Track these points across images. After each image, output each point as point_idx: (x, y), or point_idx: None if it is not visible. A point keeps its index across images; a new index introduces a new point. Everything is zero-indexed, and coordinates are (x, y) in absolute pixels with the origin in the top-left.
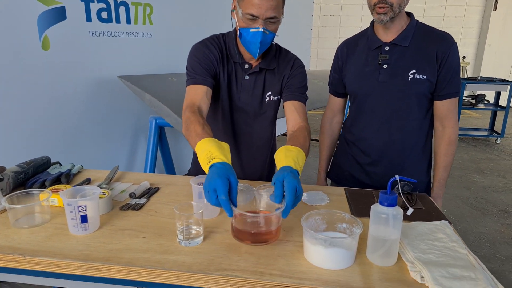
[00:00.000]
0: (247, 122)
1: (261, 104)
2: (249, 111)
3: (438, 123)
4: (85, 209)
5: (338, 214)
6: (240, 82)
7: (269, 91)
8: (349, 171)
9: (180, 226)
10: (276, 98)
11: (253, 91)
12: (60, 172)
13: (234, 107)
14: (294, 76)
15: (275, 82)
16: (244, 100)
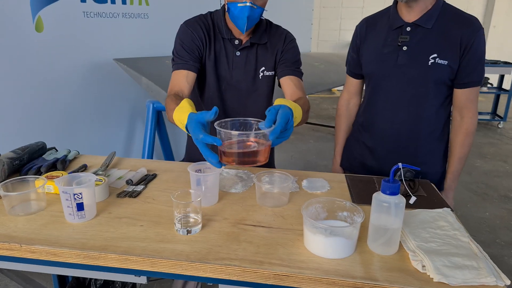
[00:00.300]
0: (240, 101)
1: (254, 80)
2: (242, 88)
3: (457, 113)
4: (81, 197)
5: (339, 202)
6: (231, 59)
7: (262, 66)
8: (360, 159)
9: (178, 215)
10: (270, 73)
11: (246, 67)
12: (56, 158)
13: (226, 86)
14: (288, 51)
15: (268, 57)
16: (237, 77)
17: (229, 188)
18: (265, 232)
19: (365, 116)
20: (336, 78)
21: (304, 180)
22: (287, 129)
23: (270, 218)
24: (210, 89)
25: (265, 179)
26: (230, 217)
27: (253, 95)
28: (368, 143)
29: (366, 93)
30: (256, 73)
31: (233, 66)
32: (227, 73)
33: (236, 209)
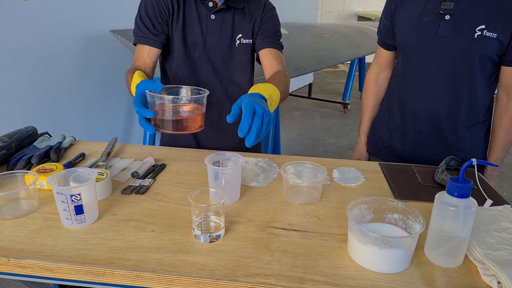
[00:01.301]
0: (217, 72)
1: (230, 48)
2: (217, 57)
3: (503, 93)
4: (80, 198)
5: (390, 202)
6: (205, 22)
7: (239, 33)
8: (388, 144)
9: (196, 219)
10: (248, 41)
11: (221, 32)
12: (49, 146)
13: (200, 54)
14: (267, 20)
15: (246, 24)
16: (211, 43)
17: (250, 181)
18: (299, 238)
19: (395, 95)
20: (348, 51)
21: (335, 171)
22: (263, 123)
23: (303, 218)
24: (177, 60)
25: (290, 170)
26: (256, 218)
27: (230, 65)
28: (398, 125)
29: (398, 68)
30: (232, 39)
31: (207, 31)
32: (199, 39)
33: (261, 207)
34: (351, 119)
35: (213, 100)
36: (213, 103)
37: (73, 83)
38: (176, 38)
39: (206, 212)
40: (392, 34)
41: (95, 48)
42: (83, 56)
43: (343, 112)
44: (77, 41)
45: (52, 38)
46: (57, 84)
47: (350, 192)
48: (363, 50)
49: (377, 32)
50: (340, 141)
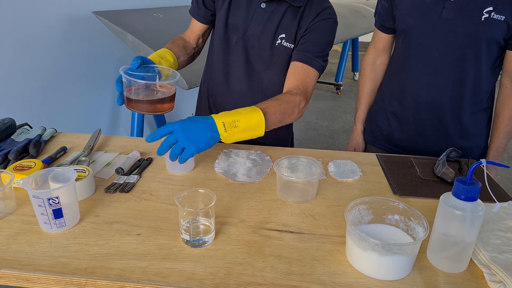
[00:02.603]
0: (248, 65)
1: (270, 43)
2: (254, 48)
3: (507, 79)
4: (58, 201)
5: (390, 203)
6: (253, 9)
7: (283, 33)
8: (387, 132)
9: (184, 223)
10: (289, 45)
11: (266, 24)
12: (28, 140)
13: (236, 41)
14: (314, 30)
15: (294, 25)
16: (252, 32)
17: (242, 177)
18: (294, 241)
19: (394, 81)
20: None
21: (330, 164)
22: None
23: (298, 218)
24: (216, 41)
25: (284, 164)
26: (248, 219)
27: (264, 62)
28: (397, 112)
29: (398, 52)
30: (274, 36)
31: (253, 18)
32: (241, 24)
33: (254, 206)
34: (344, 101)
35: (236, 90)
36: (234, 93)
37: (53, 69)
38: (219, 17)
39: (195, 215)
40: (392, 17)
41: (77, 31)
42: (64, 39)
43: (336, 94)
44: (58, 23)
45: (30, 20)
46: (36, 70)
47: (347, 187)
48: (357, 31)
49: (374, 14)
50: (333, 124)
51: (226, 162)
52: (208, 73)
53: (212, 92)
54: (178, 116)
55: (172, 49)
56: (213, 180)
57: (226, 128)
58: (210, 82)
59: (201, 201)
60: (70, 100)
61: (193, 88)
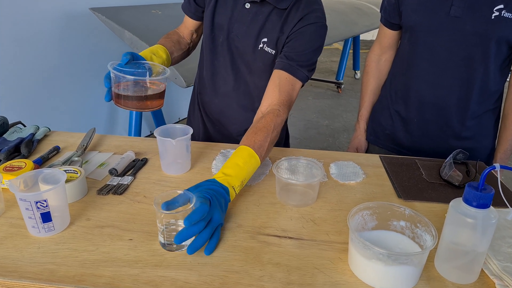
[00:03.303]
0: (234, 65)
1: (252, 46)
2: (238, 48)
3: None
4: (46, 205)
5: (396, 208)
6: (238, 9)
7: (265, 36)
8: (390, 131)
9: (161, 226)
10: (270, 50)
11: (249, 26)
12: (20, 139)
13: (222, 41)
14: (298, 36)
15: (275, 30)
16: (237, 32)
17: None
18: (294, 247)
19: (399, 79)
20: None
21: (332, 165)
22: (213, 232)
23: (298, 223)
24: (204, 39)
25: (283, 166)
26: (245, 223)
27: (248, 64)
28: (402, 112)
29: (404, 50)
30: (257, 40)
31: (237, 18)
32: (226, 23)
33: (252, 210)
34: (344, 100)
35: (221, 91)
36: (219, 94)
37: (49, 67)
38: (206, 15)
39: (176, 220)
40: (398, 13)
41: (74, 28)
42: (61, 36)
43: (337, 92)
44: (54, 20)
45: (26, 16)
46: (32, 67)
47: (349, 190)
48: (359, 28)
49: (380, 9)
50: (334, 123)
51: (223, 163)
52: (199, 71)
53: (200, 91)
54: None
55: (165, 45)
56: None
57: (236, 190)
58: (200, 80)
59: (180, 203)
60: (66, 98)
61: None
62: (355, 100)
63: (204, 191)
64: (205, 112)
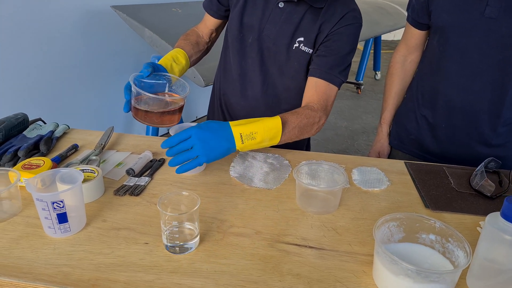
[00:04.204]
0: (264, 67)
1: (286, 46)
2: (269, 49)
3: None
4: (63, 206)
5: (426, 220)
6: (270, 8)
7: (302, 36)
8: (416, 136)
9: (164, 227)
10: (307, 49)
11: (283, 25)
12: (40, 136)
13: (251, 41)
14: (336, 39)
15: (313, 29)
16: (268, 33)
17: (258, 182)
18: (315, 258)
19: (427, 81)
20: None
21: (354, 171)
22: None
23: (319, 232)
24: (231, 40)
25: (304, 170)
26: (264, 230)
27: (280, 65)
28: (429, 116)
29: (432, 51)
30: (292, 39)
31: (270, 18)
32: (257, 23)
33: (271, 216)
34: (364, 101)
35: (249, 93)
36: (247, 96)
37: (70, 64)
38: (233, 15)
39: (181, 221)
40: (427, 12)
41: (95, 25)
42: (82, 34)
43: (356, 93)
44: (75, 18)
45: (47, 13)
46: (52, 64)
47: (373, 198)
48: (381, 28)
49: (407, 8)
50: (353, 124)
51: (242, 165)
52: (222, 72)
53: (225, 92)
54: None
55: (184, 48)
56: (228, 185)
57: (243, 139)
58: (223, 82)
59: (185, 204)
60: (85, 95)
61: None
62: (375, 102)
63: (202, 123)
64: (229, 113)
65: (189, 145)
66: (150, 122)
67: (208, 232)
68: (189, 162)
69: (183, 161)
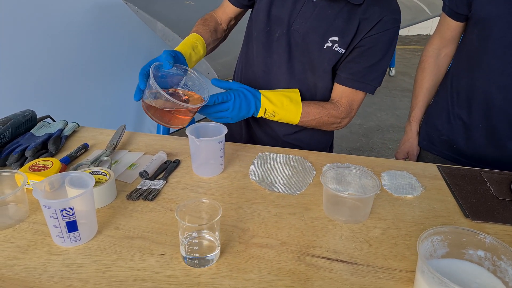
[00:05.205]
0: (291, 63)
1: (317, 44)
2: (297, 45)
3: None
4: (72, 213)
5: (475, 235)
6: (302, 2)
7: (336, 35)
8: (448, 137)
9: (182, 238)
10: (341, 50)
11: (315, 20)
12: (48, 135)
13: (278, 36)
14: (374, 42)
15: (349, 28)
16: (298, 27)
17: (281, 187)
18: (348, 273)
19: (463, 77)
20: None
21: (384, 175)
22: (223, 110)
23: (350, 243)
24: (256, 33)
25: (330, 174)
26: (290, 241)
27: (308, 63)
28: (464, 116)
29: (470, 45)
30: (324, 37)
31: (300, 12)
32: (286, 16)
33: (296, 225)
34: (378, 98)
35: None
36: None
37: (79, 59)
38: (260, 7)
39: (196, 229)
40: (467, 2)
41: (106, 18)
42: (91, 27)
43: None
44: (85, 11)
45: (57, 6)
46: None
47: (406, 206)
48: None
49: None
50: (367, 122)
51: (262, 168)
52: (244, 67)
53: None
54: None
55: (203, 35)
56: (248, 189)
57: (265, 114)
58: (246, 77)
59: (206, 213)
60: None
61: None
62: (389, 99)
63: (239, 88)
64: None
65: (226, 108)
66: (160, 120)
67: (229, 243)
68: (219, 117)
69: (216, 118)
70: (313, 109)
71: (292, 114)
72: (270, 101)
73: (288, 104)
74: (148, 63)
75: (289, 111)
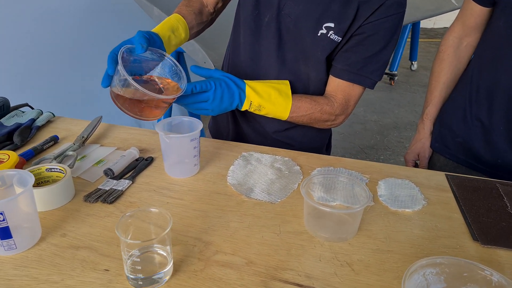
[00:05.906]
0: (281, 51)
1: (310, 31)
2: (289, 32)
3: None
4: (4, 219)
5: (479, 271)
6: None
7: (332, 21)
8: (464, 140)
9: (124, 256)
10: (337, 38)
11: (307, 5)
12: (18, 125)
13: (268, 21)
14: (374, 30)
15: (346, 15)
16: (289, 12)
17: (259, 193)
18: None
19: (486, 71)
20: None
21: (381, 183)
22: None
23: (329, 266)
24: (243, 19)
25: (317, 180)
26: (257, 260)
27: (299, 52)
28: (483, 116)
29: (496, 35)
30: (318, 24)
31: None
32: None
33: (268, 240)
34: (397, 93)
35: (262, 79)
36: None
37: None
38: None
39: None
40: None
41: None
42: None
43: (389, 84)
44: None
45: None
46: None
47: (403, 222)
48: (421, 13)
49: None
50: (383, 118)
51: (242, 170)
52: (231, 55)
53: None
54: None
55: (186, 17)
56: (222, 194)
57: (250, 107)
58: (234, 65)
59: (154, 224)
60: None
61: None
62: (409, 94)
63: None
64: None
65: (206, 98)
66: (129, 111)
67: (186, 259)
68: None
69: (195, 109)
70: (305, 104)
71: (280, 108)
72: (256, 92)
73: (277, 97)
74: (119, 45)
75: (277, 105)
